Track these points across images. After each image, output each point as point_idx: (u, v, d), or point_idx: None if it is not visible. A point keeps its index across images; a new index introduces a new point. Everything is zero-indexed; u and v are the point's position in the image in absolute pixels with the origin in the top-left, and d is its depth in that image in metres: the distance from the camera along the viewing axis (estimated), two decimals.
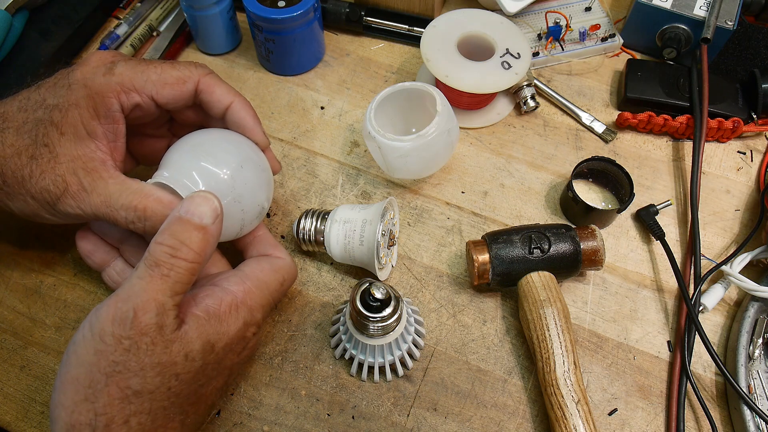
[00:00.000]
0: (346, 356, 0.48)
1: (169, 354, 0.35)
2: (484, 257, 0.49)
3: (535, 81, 0.63)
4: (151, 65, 0.44)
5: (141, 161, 0.51)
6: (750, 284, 0.50)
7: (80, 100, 0.41)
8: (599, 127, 0.62)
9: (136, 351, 0.34)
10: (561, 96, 0.63)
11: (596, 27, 0.67)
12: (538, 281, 0.49)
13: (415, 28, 0.67)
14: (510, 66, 0.57)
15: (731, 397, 0.48)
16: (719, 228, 0.57)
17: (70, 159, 0.41)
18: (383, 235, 0.49)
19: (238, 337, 0.39)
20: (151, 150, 0.50)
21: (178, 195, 0.41)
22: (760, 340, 0.49)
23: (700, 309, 0.51)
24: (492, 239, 0.50)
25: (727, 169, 0.60)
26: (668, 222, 0.57)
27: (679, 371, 0.49)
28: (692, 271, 0.53)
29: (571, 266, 0.50)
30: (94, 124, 0.41)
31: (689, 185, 0.57)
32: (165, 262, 0.35)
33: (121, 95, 0.42)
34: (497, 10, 0.64)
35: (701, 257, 0.53)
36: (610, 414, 0.48)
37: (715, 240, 0.56)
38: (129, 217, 0.40)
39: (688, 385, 0.48)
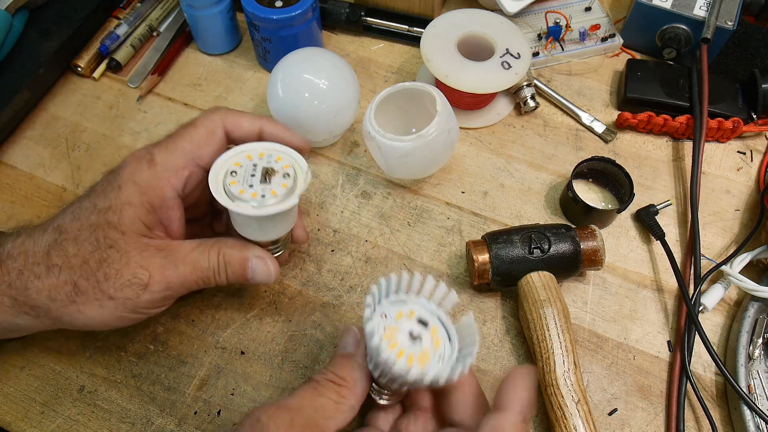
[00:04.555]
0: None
1: None
2: (484, 257, 0.49)
3: (535, 81, 0.63)
4: (178, 137, 0.43)
5: None
6: (750, 284, 0.50)
7: (132, 198, 0.41)
8: (599, 127, 0.62)
9: None
10: (561, 96, 0.63)
11: (596, 27, 0.67)
12: (538, 281, 0.49)
13: (415, 28, 0.67)
14: (510, 66, 0.57)
15: (731, 397, 0.48)
16: (719, 228, 0.57)
17: (141, 250, 0.41)
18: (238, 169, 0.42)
19: None
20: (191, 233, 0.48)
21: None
22: (760, 340, 0.49)
23: (700, 309, 0.51)
24: (492, 239, 0.50)
25: (727, 169, 0.60)
26: (668, 222, 0.57)
27: (679, 371, 0.49)
28: (692, 271, 0.53)
29: (571, 266, 0.50)
30: (151, 218, 0.42)
31: (689, 185, 0.57)
32: (315, 382, 0.38)
33: (171, 180, 0.42)
34: (497, 10, 0.64)
35: (701, 257, 0.53)
36: (610, 414, 0.48)
37: (715, 240, 0.56)
38: (218, 270, 0.43)
39: (688, 385, 0.48)
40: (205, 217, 0.50)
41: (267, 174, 0.42)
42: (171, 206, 0.42)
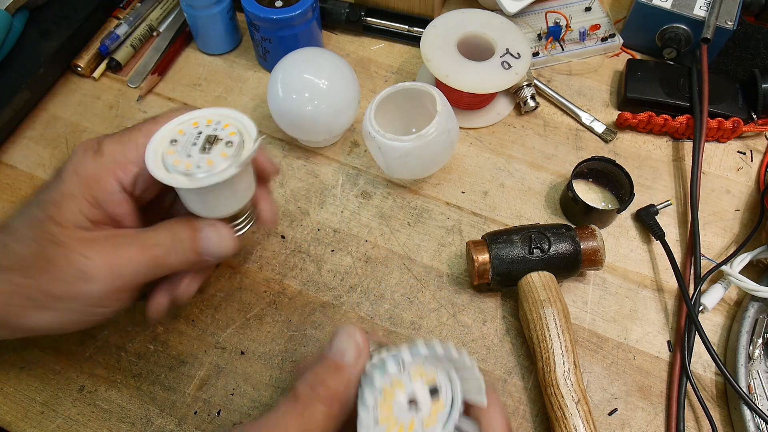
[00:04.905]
0: None
1: None
2: (484, 257, 0.49)
3: (535, 81, 0.63)
4: (135, 129, 0.40)
5: None
6: (750, 284, 0.50)
7: (74, 190, 0.37)
8: (599, 127, 0.62)
9: None
10: (561, 96, 0.63)
11: (596, 27, 0.67)
12: (538, 281, 0.49)
13: (415, 28, 0.67)
14: (510, 66, 0.57)
15: (731, 397, 0.48)
16: (719, 228, 0.57)
17: (84, 242, 0.37)
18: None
19: None
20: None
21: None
22: (760, 340, 0.49)
23: (700, 309, 0.51)
24: (492, 239, 0.50)
25: (727, 169, 0.60)
26: (668, 222, 0.57)
27: (679, 371, 0.49)
28: (692, 271, 0.53)
29: (571, 266, 0.50)
30: (95, 213, 0.38)
31: (689, 185, 0.57)
32: (302, 400, 0.33)
33: (117, 173, 0.38)
34: (497, 10, 0.64)
35: (701, 257, 0.53)
36: (610, 414, 0.48)
37: (715, 240, 0.56)
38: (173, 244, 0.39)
39: (688, 385, 0.48)
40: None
41: (208, 142, 0.37)
42: (118, 201, 0.39)
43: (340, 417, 0.33)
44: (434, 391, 0.33)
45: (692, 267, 0.53)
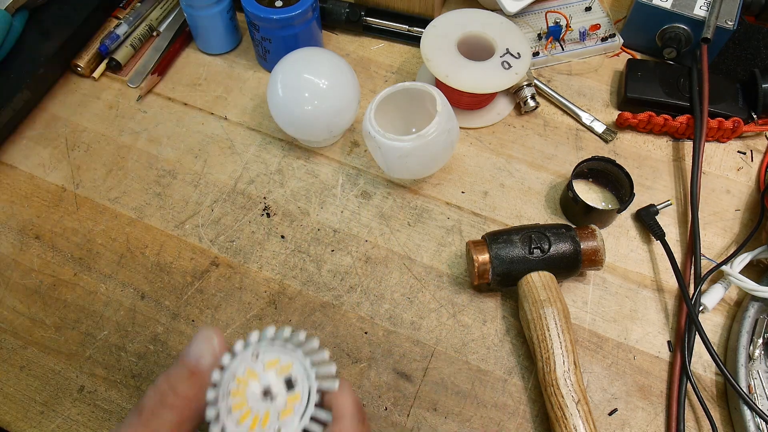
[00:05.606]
0: None
1: None
2: (484, 257, 0.49)
3: (535, 81, 0.63)
4: None
5: None
6: (750, 284, 0.50)
7: None
8: (599, 127, 0.62)
9: None
10: (561, 96, 0.63)
11: (596, 27, 0.67)
12: (538, 281, 0.49)
13: (415, 28, 0.66)
14: (510, 66, 0.57)
15: (731, 397, 0.48)
16: (719, 228, 0.57)
17: None
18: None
19: None
20: None
21: None
22: (760, 340, 0.49)
23: (700, 309, 0.51)
24: (492, 239, 0.50)
25: (727, 169, 0.60)
26: (668, 222, 0.57)
27: (679, 371, 0.49)
28: (692, 271, 0.53)
29: (571, 266, 0.50)
30: None
31: (689, 185, 0.56)
32: (147, 409, 0.31)
33: None
34: (497, 10, 0.64)
35: (701, 257, 0.53)
36: (610, 414, 0.48)
37: (715, 240, 0.56)
38: None
39: (688, 385, 0.48)
40: None
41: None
42: None
43: (194, 421, 0.32)
44: (289, 382, 0.33)
45: (692, 267, 0.53)
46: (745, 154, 0.61)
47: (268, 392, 0.33)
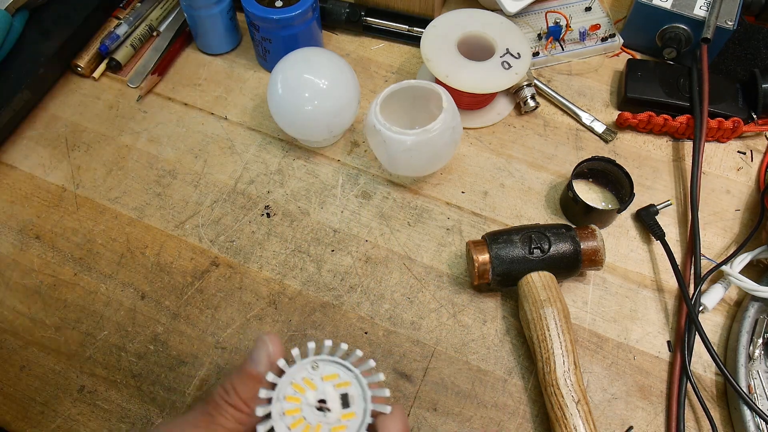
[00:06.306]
0: None
1: None
2: (484, 257, 0.49)
3: (535, 81, 0.63)
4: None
5: None
6: (750, 284, 0.50)
7: None
8: (599, 127, 0.62)
9: None
10: (561, 96, 0.63)
11: (596, 27, 0.67)
12: (538, 281, 0.49)
13: (415, 28, 0.66)
14: (510, 66, 0.57)
15: (731, 397, 0.48)
16: (719, 228, 0.57)
17: None
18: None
19: None
20: None
21: None
22: (760, 340, 0.49)
23: (700, 309, 0.51)
24: (492, 239, 0.50)
25: (727, 169, 0.60)
26: (668, 222, 0.57)
27: (679, 371, 0.49)
28: (692, 271, 0.53)
29: (571, 266, 0.50)
30: None
31: (689, 185, 0.56)
32: (213, 403, 0.34)
33: None
34: (497, 10, 0.64)
35: (701, 257, 0.53)
36: None
37: (715, 240, 0.56)
38: None
39: (688, 385, 0.48)
40: None
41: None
42: None
43: (252, 421, 0.34)
44: (345, 399, 0.34)
45: (692, 267, 0.53)
46: (745, 154, 0.61)
47: (323, 404, 0.33)
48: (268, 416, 0.32)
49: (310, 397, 0.33)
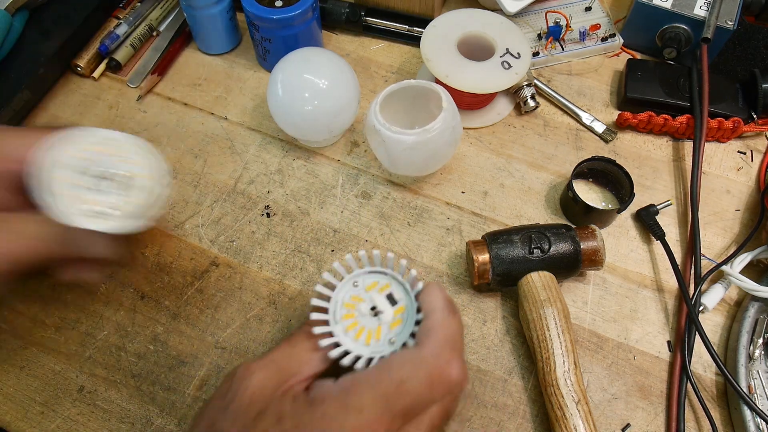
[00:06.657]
0: None
1: None
2: (484, 257, 0.49)
3: (535, 81, 0.63)
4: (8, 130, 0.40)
5: None
6: (750, 284, 0.50)
7: None
8: (599, 127, 0.62)
9: None
10: (561, 96, 0.63)
11: (596, 27, 0.67)
12: (538, 281, 0.49)
13: (415, 28, 0.66)
14: (510, 66, 0.57)
15: (731, 397, 0.48)
16: (719, 228, 0.57)
17: None
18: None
19: None
20: None
21: None
22: (761, 340, 0.49)
23: (700, 309, 0.51)
24: (492, 239, 0.50)
25: (727, 169, 0.60)
26: (668, 222, 0.57)
27: (680, 371, 0.49)
28: (692, 271, 0.53)
29: (571, 266, 0.50)
30: None
31: (689, 185, 0.56)
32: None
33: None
34: (497, 10, 0.64)
35: (701, 257, 0.53)
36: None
37: (715, 240, 0.56)
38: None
39: (688, 385, 0.48)
40: None
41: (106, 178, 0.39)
42: None
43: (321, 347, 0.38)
44: (391, 298, 0.39)
45: (692, 267, 0.53)
46: (745, 154, 0.61)
47: (375, 309, 0.38)
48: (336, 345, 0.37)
49: (362, 308, 0.38)
